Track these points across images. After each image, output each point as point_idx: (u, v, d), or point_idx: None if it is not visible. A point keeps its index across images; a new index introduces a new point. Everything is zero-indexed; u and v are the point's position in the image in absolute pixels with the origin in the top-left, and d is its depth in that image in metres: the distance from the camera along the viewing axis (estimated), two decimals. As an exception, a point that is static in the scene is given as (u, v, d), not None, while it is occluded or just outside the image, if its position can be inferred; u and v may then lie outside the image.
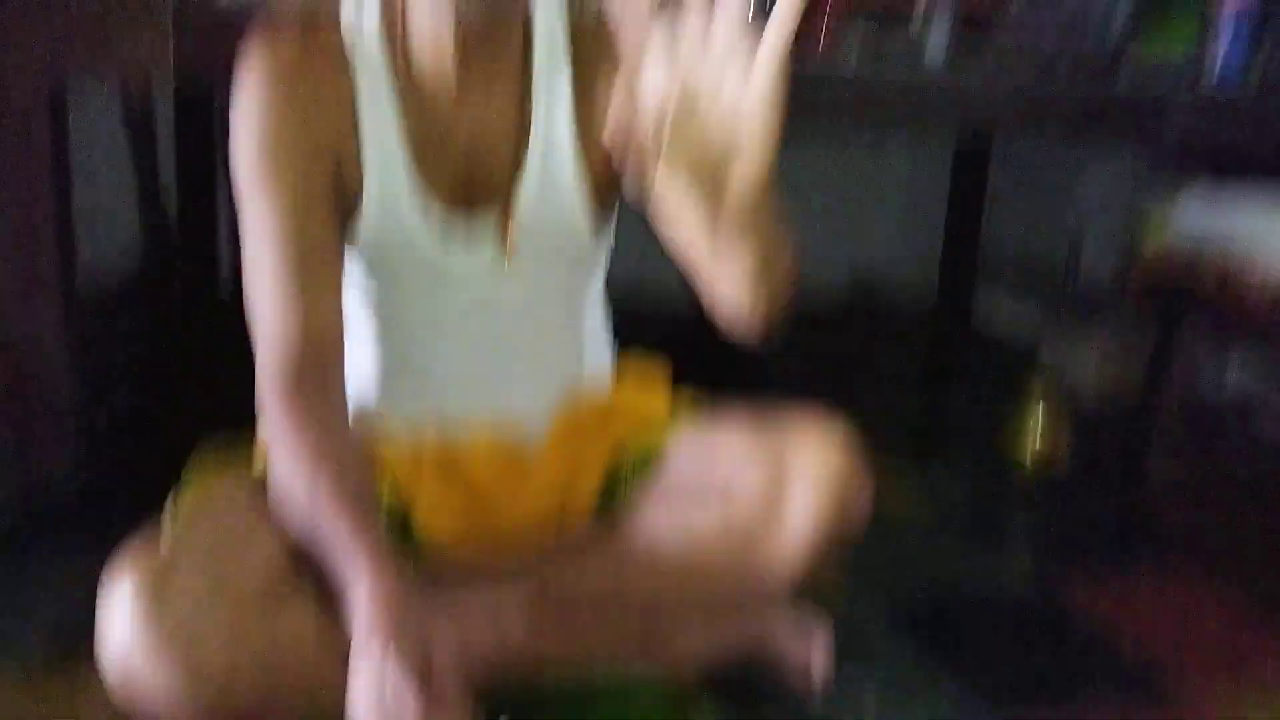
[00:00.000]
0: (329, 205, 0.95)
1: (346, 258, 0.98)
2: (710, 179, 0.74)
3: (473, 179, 0.99)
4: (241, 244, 0.94)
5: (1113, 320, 2.25)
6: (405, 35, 0.95)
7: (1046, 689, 1.19)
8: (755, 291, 0.89)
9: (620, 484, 1.07)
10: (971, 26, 1.97)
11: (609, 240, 1.09)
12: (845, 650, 1.16)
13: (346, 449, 0.92)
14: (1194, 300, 1.60)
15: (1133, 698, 1.18)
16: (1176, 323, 1.73)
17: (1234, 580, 1.46)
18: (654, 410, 1.11)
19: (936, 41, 2.07)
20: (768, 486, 0.98)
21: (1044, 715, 1.14)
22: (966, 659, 1.23)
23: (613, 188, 1.03)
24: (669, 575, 1.02)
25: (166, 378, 2.11)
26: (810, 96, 1.57)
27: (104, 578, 0.81)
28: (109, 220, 2.23)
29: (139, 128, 2.14)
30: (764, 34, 0.68)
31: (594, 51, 1.00)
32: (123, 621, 0.80)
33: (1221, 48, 1.75)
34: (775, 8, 0.68)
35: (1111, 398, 2.18)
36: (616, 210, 1.06)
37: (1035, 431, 1.80)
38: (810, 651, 1.11)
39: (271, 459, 0.92)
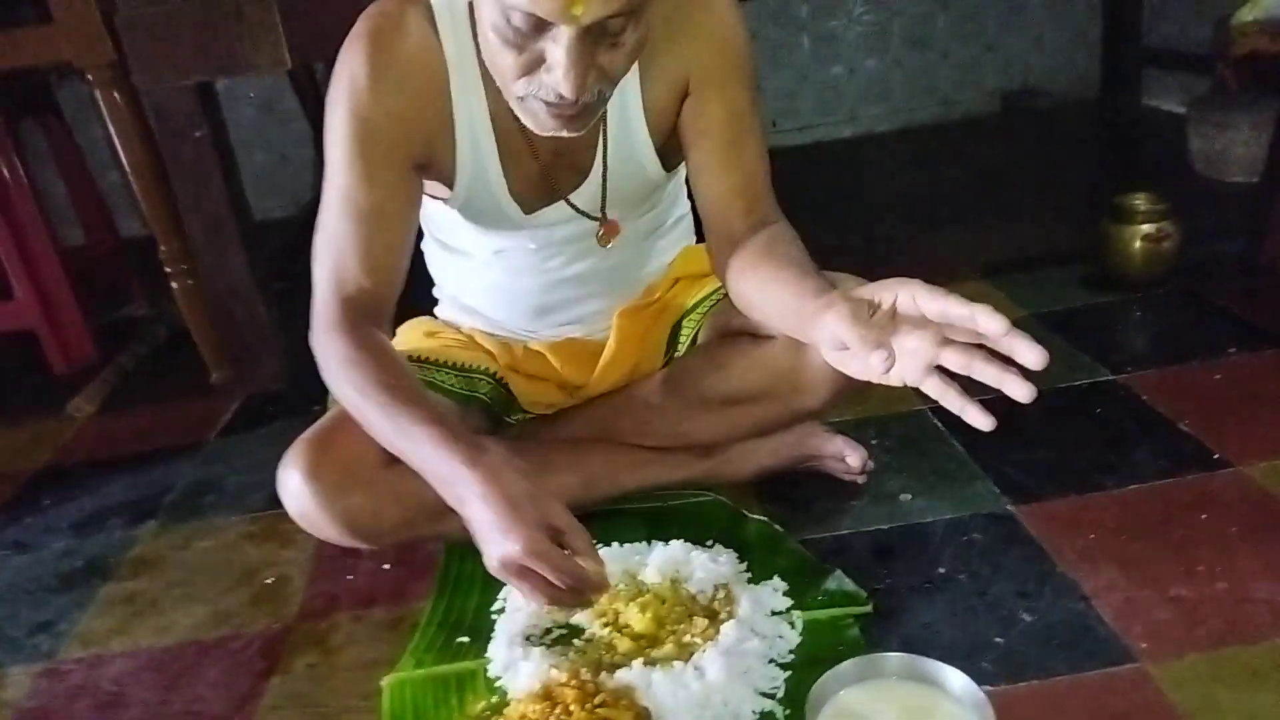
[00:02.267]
0: (408, 181, 1.04)
1: (443, 203, 1.12)
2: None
3: (557, 152, 1.08)
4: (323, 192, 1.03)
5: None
6: None
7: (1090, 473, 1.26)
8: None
9: (678, 345, 1.26)
10: None
11: (681, 178, 1.22)
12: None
13: (395, 372, 0.99)
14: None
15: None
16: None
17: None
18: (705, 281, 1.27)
19: None
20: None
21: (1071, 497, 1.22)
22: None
23: (678, 147, 1.12)
24: (714, 406, 1.21)
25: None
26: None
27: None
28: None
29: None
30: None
31: (658, 36, 1.02)
32: (294, 483, 1.05)
33: None
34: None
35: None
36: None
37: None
38: (848, 455, 1.29)
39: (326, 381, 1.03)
